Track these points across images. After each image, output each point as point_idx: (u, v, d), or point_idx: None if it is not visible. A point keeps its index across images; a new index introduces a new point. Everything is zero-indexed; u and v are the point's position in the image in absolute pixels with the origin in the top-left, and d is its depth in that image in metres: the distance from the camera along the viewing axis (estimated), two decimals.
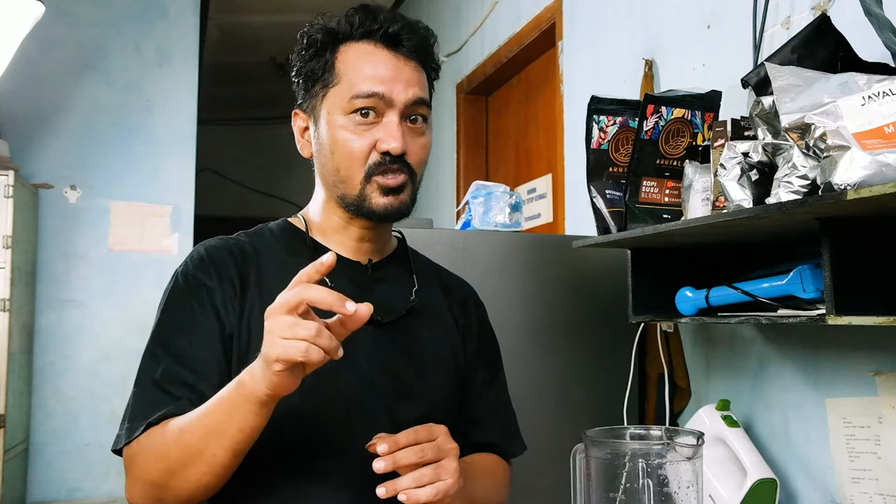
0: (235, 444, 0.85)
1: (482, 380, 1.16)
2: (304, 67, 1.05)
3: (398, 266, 1.13)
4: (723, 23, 1.63)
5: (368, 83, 0.99)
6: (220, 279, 1.00)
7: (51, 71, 3.18)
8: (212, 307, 0.98)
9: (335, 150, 1.01)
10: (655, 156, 1.35)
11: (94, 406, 3.08)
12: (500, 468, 1.15)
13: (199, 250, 1.04)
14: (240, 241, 1.07)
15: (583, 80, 2.25)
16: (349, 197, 1.02)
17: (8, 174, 2.72)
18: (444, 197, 3.37)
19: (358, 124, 1.00)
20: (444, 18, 3.45)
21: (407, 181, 1.02)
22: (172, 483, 0.89)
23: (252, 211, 5.18)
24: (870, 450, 1.24)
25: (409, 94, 1.01)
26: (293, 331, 0.77)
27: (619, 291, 1.59)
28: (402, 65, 1.02)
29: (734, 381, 1.57)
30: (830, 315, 0.99)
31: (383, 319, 1.04)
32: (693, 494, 1.04)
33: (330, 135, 1.02)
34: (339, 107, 1.01)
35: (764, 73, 1.07)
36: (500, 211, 1.77)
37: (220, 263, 1.02)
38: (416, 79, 1.03)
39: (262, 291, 1.00)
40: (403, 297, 1.09)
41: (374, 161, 1.00)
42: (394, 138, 0.98)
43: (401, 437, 0.89)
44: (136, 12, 3.33)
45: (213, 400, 0.87)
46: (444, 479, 0.89)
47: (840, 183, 0.88)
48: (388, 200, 1.01)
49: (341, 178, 1.02)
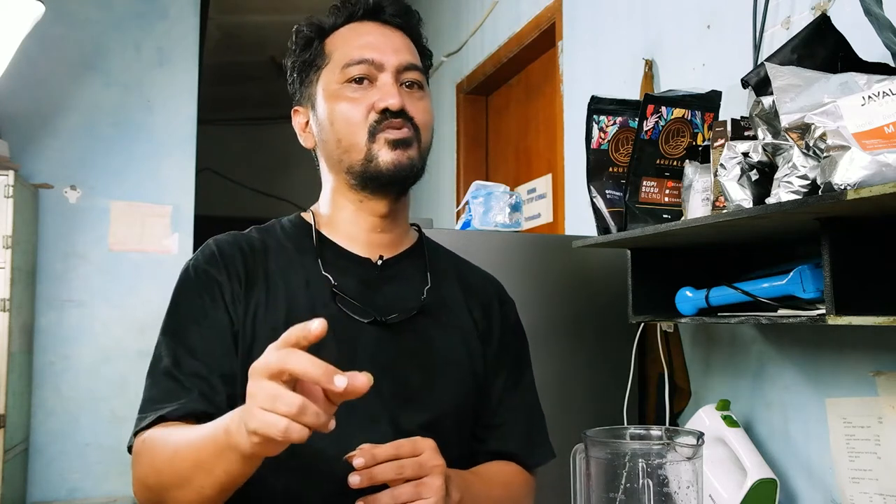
0: (221, 483, 0.81)
1: (504, 384, 1.10)
2: (297, 61, 1.06)
3: (413, 263, 1.08)
4: (723, 23, 1.63)
5: (358, 51, 1.00)
6: (228, 275, 0.99)
7: (51, 71, 3.18)
8: (222, 301, 0.98)
9: (334, 121, 1.00)
10: (655, 156, 1.35)
11: (94, 406, 3.08)
12: (518, 479, 1.09)
13: (209, 244, 1.04)
14: (250, 236, 1.06)
15: (583, 80, 2.25)
16: (356, 164, 0.99)
17: (8, 174, 2.72)
18: (443, 197, 3.37)
19: (353, 91, 1.00)
20: (444, 18, 3.45)
21: (413, 136, 0.99)
22: (166, 497, 0.87)
23: (252, 211, 5.18)
24: (870, 450, 1.24)
25: (400, 58, 1.01)
26: (273, 404, 0.68)
27: (619, 291, 1.59)
28: (390, 32, 1.03)
29: (734, 381, 1.57)
30: (830, 315, 0.99)
31: (389, 320, 0.99)
32: (693, 494, 1.04)
33: (328, 109, 1.01)
34: (333, 80, 1.01)
35: (764, 73, 1.07)
36: (500, 211, 1.77)
37: (229, 258, 1.01)
38: (405, 45, 1.03)
39: (269, 289, 0.99)
40: (415, 297, 1.04)
41: (375, 119, 0.98)
42: (390, 94, 0.98)
43: (380, 450, 0.85)
44: (137, 12, 3.33)
45: (206, 432, 0.82)
46: (425, 497, 0.85)
47: (840, 183, 0.88)
48: (395, 155, 0.98)
49: (344, 147, 1.00)
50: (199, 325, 0.97)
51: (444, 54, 3.36)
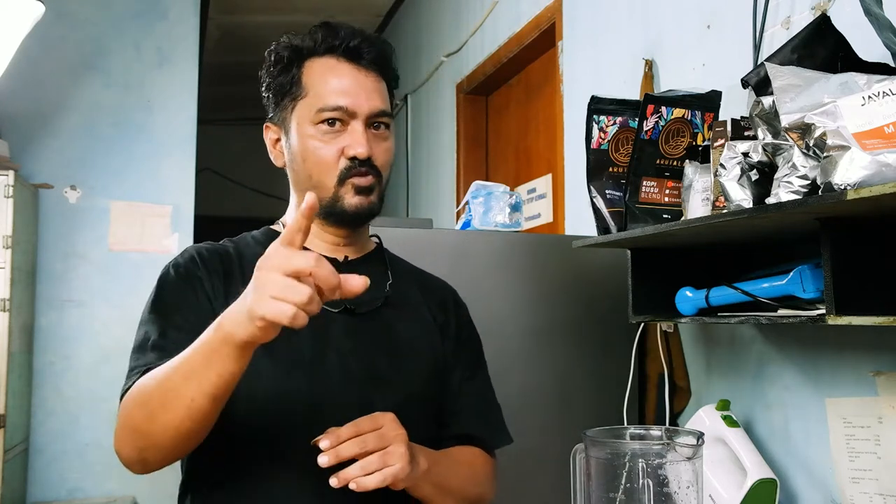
0: (214, 388, 0.85)
1: (462, 375, 1.17)
2: (273, 83, 1.13)
3: (375, 264, 1.16)
4: (723, 23, 1.63)
5: (334, 96, 1.07)
6: (208, 272, 1.06)
7: (51, 71, 3.18)
8: (204, 293, 1.04)
9: (307, 158, 1.08)
10: (655, 156, 1.35)
11: (94, 406, 3.08)
12: (480, 459, 1.15)
13: (188, 250, 1.11)
14: (225, 245, 1.13)
15: (583, 80, 2.25)
16: (323, 200, 1.07)
17: (8, 174, 2.72)
18: (444, 197, 3.37)
19: (325, 133, 1.07)
20: (444, 18, 3.45)
21: (375, 183, 1.08)
22: (153, 429, 0.89)
23: (252, 211, 5.18)
24: (870, 450, 1.24)
25: (371, 106, 1.08)
26: (285, 293, 0.76)
27: (619, 291, 1.59)
28: (364, 77, 1.09)
29: (734, 380, 1.57)
30: (830, 315, 0.99)
31: (358, 309, 1.08)
32: (693, 494, 1.04)
33: (301, 144, 1.09)
34: (308, 118, 1.08)
35: (764, 73, 1.07)
36: (500, 211, 1.77)
37: (208, 260, 1.08)
38: (377, 89, 1.10)
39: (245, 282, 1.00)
40: (379, 291, 1.11)
41: (345, 166, 1.07)
42: (360, 144, 1.06)
43: (343, 430, 0.91)
44: (137, 12, 3.33)
45: (194, 344, 0.87)
46: (391, 464, 0.91)
47: (840, 183, 0.88)
48: (359, 200, 1.07)
49: (314, 183, 1.08)
50: (183, 311, 1.03)
51: (444, 54, 3.36)
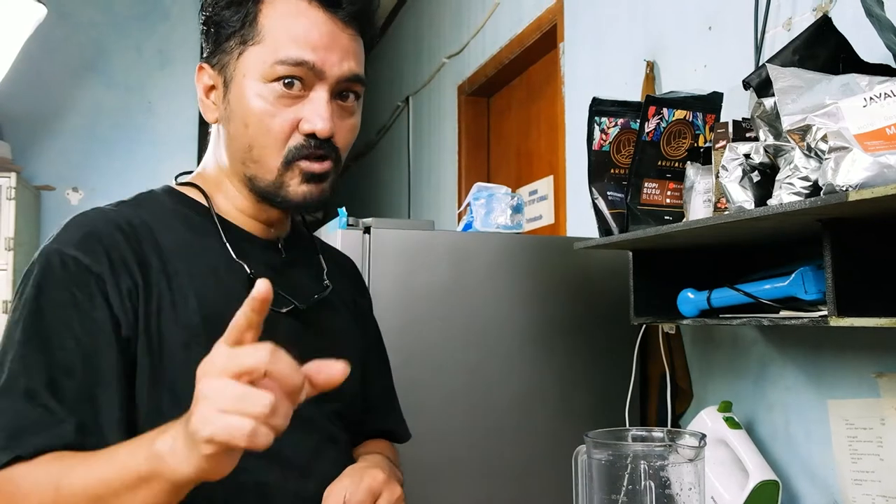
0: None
1: (376, 368, 1.11)
2: (217, 15, 0.87)
3: (303, 246, 1.02)
4: (724, 24, 1.63)
5: (297, 48, 0.83)
6: (111, 265, 0.80)
7: (53, 73, 3.19)
8: (103, 299, 0.78)
9: (249, 124, 0.85)
10: (657, 157, 1.35)
11: None
12: (394, 452, 1.13)
13: (77, 223, 0.84)
14: (126, 213, 0.86)
15: (584, 81, 2.25)
16: (262, 181, 0.87)
17: (10, 176, 2.72)
18: (445, 199, 3.37)
19: (280, 96, 0.84)
20: (445, 20, 3.45)
21: (332, 169, 0.88)
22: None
23: None
24: (872, 451, 1.24)
25: (345, 68, 0.85)
26: (240, 404, 0.57)
27: (621, 293, 1.59)
28: (340, 31, 0.86)
29: (736, 382, 1.57)
30: (832, 316, 0.98)
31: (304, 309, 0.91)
32: (695, 496, 1.04)
33: (244, 104, 0.85)
34: (259, 71, 0.84)
35: (765, 75, 1.07)
36: (502, 212, 1.77)
37: (109, 244, 0.81)
38: (354, 50, 0.87)
39: (169, 279, 0.83)
40: (316, 282, 0.97)
41: (296, 143, 0.85)
42: (321, 117, 0.84)
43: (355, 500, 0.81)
44: (138, 14, 3.34)
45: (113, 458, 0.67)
46: None
47: (842, 184, 0.88)
48: (308, 189, 0.87)
49: (254, 157, 0.86)
50: (70, 331, 0.77)
51: (445, 56, 3.36)
